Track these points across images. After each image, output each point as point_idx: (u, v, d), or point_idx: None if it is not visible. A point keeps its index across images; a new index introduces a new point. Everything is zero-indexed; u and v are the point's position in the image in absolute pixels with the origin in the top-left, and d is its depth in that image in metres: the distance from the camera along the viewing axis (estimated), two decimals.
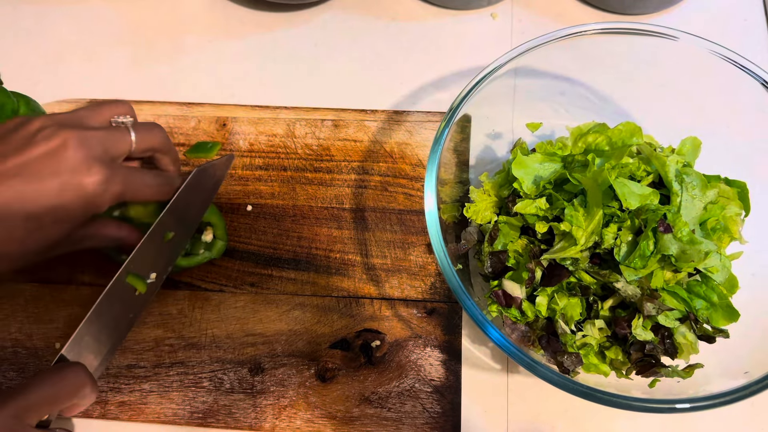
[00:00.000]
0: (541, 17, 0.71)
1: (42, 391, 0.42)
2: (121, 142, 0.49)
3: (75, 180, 0.44)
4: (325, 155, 0.64)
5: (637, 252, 0.46)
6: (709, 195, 0.49)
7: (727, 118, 0.56)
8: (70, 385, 0.44)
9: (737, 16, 0.70)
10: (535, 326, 0.51)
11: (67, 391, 0.44)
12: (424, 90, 0.68)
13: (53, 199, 0.44)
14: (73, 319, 0.58)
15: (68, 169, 0.44)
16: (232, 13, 0.75)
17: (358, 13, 0.73)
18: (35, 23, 0.75)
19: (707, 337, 0.47)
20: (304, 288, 0.58)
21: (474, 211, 0.54)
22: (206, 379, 0.55)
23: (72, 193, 0.44)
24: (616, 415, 0.53)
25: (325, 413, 0.53)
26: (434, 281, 0.58)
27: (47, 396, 0.42)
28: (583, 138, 0.53)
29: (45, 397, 0.42)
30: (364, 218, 0.61)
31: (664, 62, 0.56)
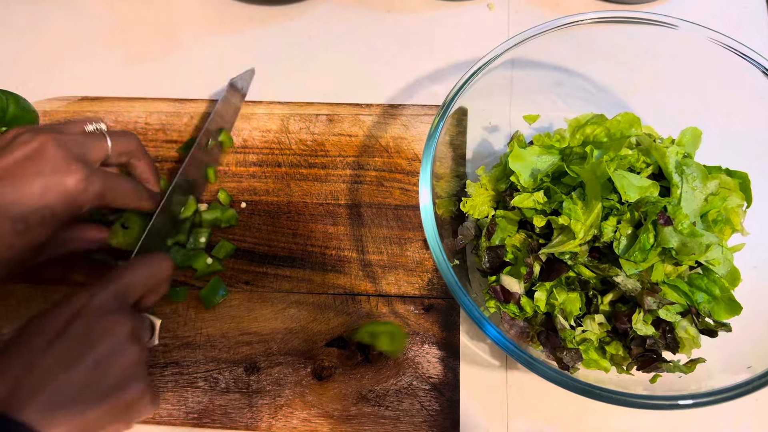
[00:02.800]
0: (538, 7, 0.70)
1: (137, 274, 0.46)
2: (98, 146, 0.50)
3: (57, 179, 0.46)
4: (320, 150, 0.63)
5: (637, 245, 0.45)
6: (710, 186, 0.48)
7: (727, 107, 0.55)
8: (159, 267, 0.48)
9: (737, 3, 0.68)
10: (534, 322, 0.50)
11: (157, 272, 0.48)
12: (419, 83, 0.67)
13: (37, 199, 0.45)
14: None
15: (49, 169, 0.46)
16: (225, 7, 0.74)
17: (352, 5, 0.72)
18: (27, 20, 0.74)
19: (709, 331, 0.46)
20: (299, 286, 0.57)
21: (471, 205, 0.53)
22: (201, 379, 0.54)
23: (55, 193, 0.46)
24: (617, 411, 0.52)
25: (322, 412, 0.53)
26: (432, 277, 0.57)
27: (143, 277, 0.46)
28: (581, 130, 0.52)
29: (140, 278, 0.46)
30: (360, 214, 0.60)
31: (663, 51, 0.55)
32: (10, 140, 0.47)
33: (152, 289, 0.48)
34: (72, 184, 0.46)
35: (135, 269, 0.46)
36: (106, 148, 0.51)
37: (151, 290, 0.48)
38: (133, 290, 0.46)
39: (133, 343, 0.42)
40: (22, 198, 0.44)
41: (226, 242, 0.59)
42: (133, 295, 0.46)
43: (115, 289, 0.44)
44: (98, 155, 0.50)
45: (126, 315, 0.43)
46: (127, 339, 0.42)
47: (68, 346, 0.40)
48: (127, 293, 0.45)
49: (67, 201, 0.46)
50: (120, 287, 0.45)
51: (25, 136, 0.47)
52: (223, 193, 0.61)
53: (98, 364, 0.40)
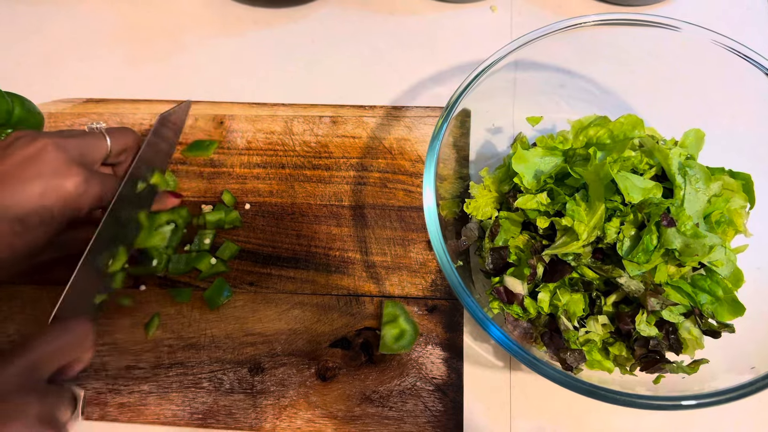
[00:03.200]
0: (541, 9, 0.70)
1: (50, 344, 0.42)
2: (98, 145, 0.51)
3: (56, 182, 0.46)
4: (324, 152, 0.63)
5: (640, 246, 0.45)
6: (713, 188, 0.48)
7: (730, 109, 0.55)
8: (76, 336, 0.44)
9: (739, 5, 0.69)
10: (538, 323, 0.50)
11: (74, 342, 0.44)
12: (423, 85, 0.67)
13: (37, 201, 0.45)
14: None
15: (49, 171, 0.46)
16: (230, 10, 0.74)
17: (355, 8, 0.73)
18: (32, 23, 0.74)
19: (712, 332, 0.46)
20: (303, 287, 0.58)
21: (474, 206, 0.53)
22: (206, 380, 0.55)
23: (54, 195, 0.46)
24: (620, 411, 0.52)
25: (326, 413, 0.53)
26: (435, 278, 0.57)
27: (56, 348, 0.43)
28: (584, 131, 0.52)
29: (54, 350, 0.43)
30: (364, 215, 0.60)
31: (665, 53, 0.55)
32: (10, 143, 0.47)
33: (71, 358, 0.44)
34: (71, 187, 0.46)
35: (47, 340, 0.42)
36: (106, 148, 0.51)
37: (71, 360, 0.44)
38: (45, 364, 0.42)
39: (42, 428, 0.39)
40: (22, 200, 0.44)
41: (230, 243, 0.59)
42: (46, 370, 0.42)
43: (21, 365, 0.40)
44: (98, 155, 0.51)
45: (34, 395, 0.39)
46: (35, 423, 0.38)
47: None
48: (39, 369, 0.41)
49: (67, 203, 0.46)
50: (28, 362, 0.40)
51: (25, 140, 0.47)
52: (228, 194, 0.61)
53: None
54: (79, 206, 0.47)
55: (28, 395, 0.39)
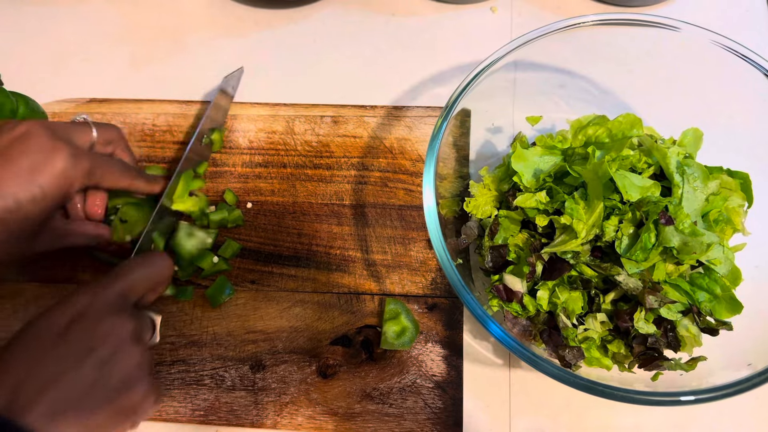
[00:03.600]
0: (541, 10, 0.71)
1: (139, 273, 0.46)
2: (83, 132, 0.52)
3: (44, 158, 0.47)
4: (325, 152, 0.63)
5: (639, 244, 0.45)
6: (711, 186, 0.48)
7: (729, 109, 0.55)
8: (160, 266, 0.48)
9: (738, 6, 0.69)
10: (537, 320, 0.50)
11: (159, 272, 0.48)
12: (423, 85, 0.68)
13: (26, 177, 0.46)
14: None
15: (36, 149, 0.47)
16: (231, 11, 0.74)
17: (357, 8, 0.73)
18: (36, 23, 0.75)
19: (710, 330, 0.47)
20: (304, 285, 0.58)
21: (474, 205, 0.53)
22: (207, 377, 0.55)
23: (44, 172, 0.47)
24: (619, 409, 0.53)
25: (327, 409, 0.53)
26: (435, 276, 0.58)
27: (144, 276, 0.47)
28: (583, 130, 0.52)
29: (142, 278, 0.46)
30: (365, 214, 0.61)
31: (665, 53, 0.56)
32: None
33: (152, 288, 0.48)
34: (60, 162, 0.47)
35: (136, 268, 0.46)
36: (91, 136, 0.53)
37: (152, 289, 0.48)
38: (134, 290, 0.46)
39: (135, 344, 0.42)
40: (10, 176, 0.45)
41: (232, 242, 0.59)
42: (134, 295, 0.46)
43: (116, 289, 0.44)
44: (84, 140, 0.52)
45: (128, 315, 0.43)
46: (129, 340, 0.42)
47: (71, 348, 0.40)
48: (129, 293, 0.45)
49: (57, 179, 0.47)
50: (121, 287, 0.45)
51: (11, 124, 0.48)
52: (230, 193, 0.61)
53: (102, 366, 0.40)
54: (70, 182, 0.48)
55: (120, 316, 0.43)
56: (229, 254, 0.59)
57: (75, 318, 0.41)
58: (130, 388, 0.41)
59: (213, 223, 0.60)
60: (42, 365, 0.39)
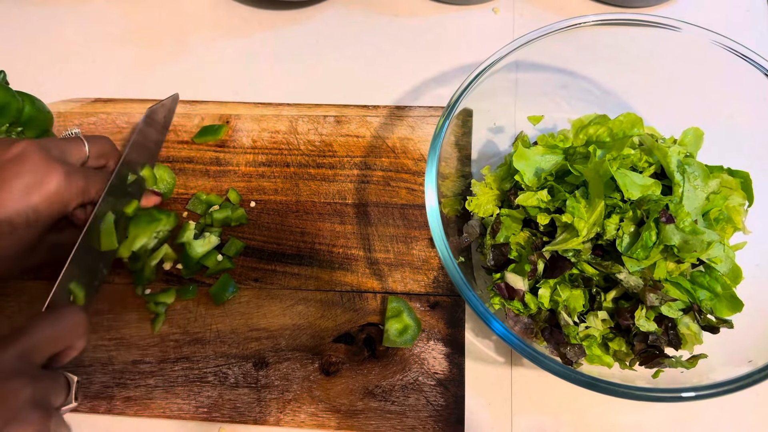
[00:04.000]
0: (542, 11, 0.71)
1: (44, 331, 0.43)
2: (76, 148, 0.52)
3: (38, 180, 0.46)
4: (328, 151, 0.64)
5: (640, 243, 0.46)
6: (712, 185, 0.49)
7: (729, 108, 0.55)
8: (70, 324, 0.45)
9: (739, 6, 0.69)
10: (538, 318, 0.51)
11: (68, 330, 0.45)
12: (426, 85, 0.68)
13: (21, 200, 0.46)
14: None
15: (30, 170, 0.46)
16: (236, 11, 0.75)
17: (360, 9, 0.74)
18: (41, 24, 0.76)
19: (711, 328, 0.47)
20: (307, 283, 0.58)
21: (476, 204, 0.54)
22: (211, 374, 0.56)
23: (38, 193, 0.46)
24: (621, 407, 0.53)
25: (329, 407, 0.54)
26: (437, 275, 0.58)
27: (49, 336, 0.43)
28: (584, 129, 0.53)
29: (47, 337, 0.43)
30: (367, 213, 0.61)
31: (666, 54, 0.56)
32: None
33: (62, 347, 0.45)
34: (54, 183, 0.47)
35: (41, 327, 0.43)
36: (84, 151, 0.53)
37: (65, 347, 0.45)
38: (39, 350, 0.43)
39: (33, 411, 0.39)
40: (6, 200, 0.45)
41: (236, 240, 0.60)
42: (40, 356, 0.43)
43: (15, 350, 0.41)
44: (77, 157, 0.52)
45: (26, 379, 0.40)
46: (27, 406, 0.39)
47: None
48: (32, 354, 0.42)
49: (51, 200, 0.47)
50: (21, 348, 0.41)
51: (5, 143, 0.48)
52: (233, 192, 0.62)
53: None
54: (64, 202, 0.48)
55: (21, 379, 0.40)
56: (233, 252, 0.59)
57: None
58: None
59: (216, 222, 0.60)
60: None
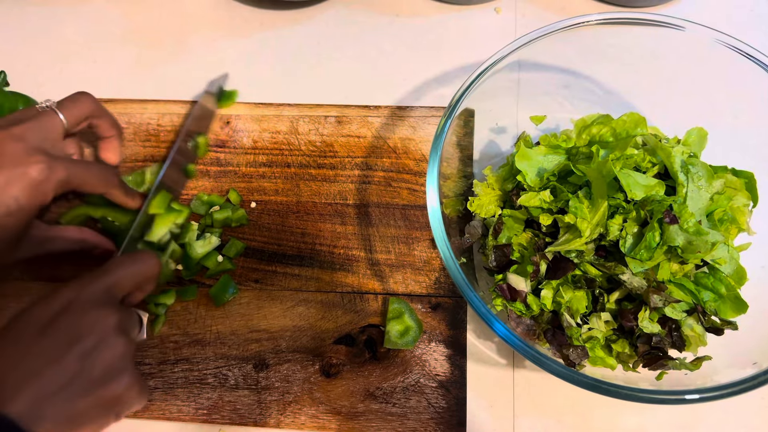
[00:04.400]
0: (544, 11, 0.71)
1: (126, 270, 0.47)
2: (52, 124, 0.52)
3: (18, 171, 0.47)
4: (329, 151, 0.64)
5: (643, 243, 0.45)
6: (716, 185, 0.48)
7: (734, 108, 0.55)
8: (148, 265, 0.49)
9: (743, 6, 0.69)
10: (541, 320, 0.50)
11: (146, 270, 0.48)
12: (427, 85, 0.68)
13: (1, 190, 0.47)
14: None
15: (9, 162, 0.47)
16: (237, 11, 0.75)
17: (361, 10, 0.73)
18: (41, 24, 0.75)
19: (715, 329, 0.47)
20: (308, 284, 0.58)
21: (478, 204, 0.53)
22: (211, 376, 0.55)
23: (18, 184, 0.47)
24: (624, 409, 0.53)
25: (330, 409, 0.53)
26: (439, 276, 0.58)
27: (131, 273, 0.47)
28: (587, 129, 0.52)
29: (129, 275, 0.47)
30: (368, 214, 0.61)
31: (669, 53, 0.56)
32: None
33: (139, 285, 0.49)
34: (34, 173, 0.48)
35: (122, 265, 0.47)
36: (61, 122, 0.52)
37: (139, 287, 0.49)
38: (120, 286, 0.46)
39: (119, 336, 0.43)
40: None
41: (236, 241, 0.59)
42: (120, 291, 0.46)
43: (102, 283, 0.45)
44: (56, 133, 0.52)
45: (113, 308, 0.44)
46: (113, 332, 0.42)
47: (55, 340, 0.40)
48: (115, 288, 0.46)
49: (31, 190, 0.48)
50: (107, 282, 0.45)
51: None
52: (234, 193, 0.62)
53: (85, 357, 0.40)
54: (44, 191, 0.49)
55: (105, 309, 0.43)
56: (233, 253, 0.59)
57: (59, 311, 0.42)
58: (113, 379, 0.41)
59: (217, 222, 0.60)
60: (25, 358, 0.39)
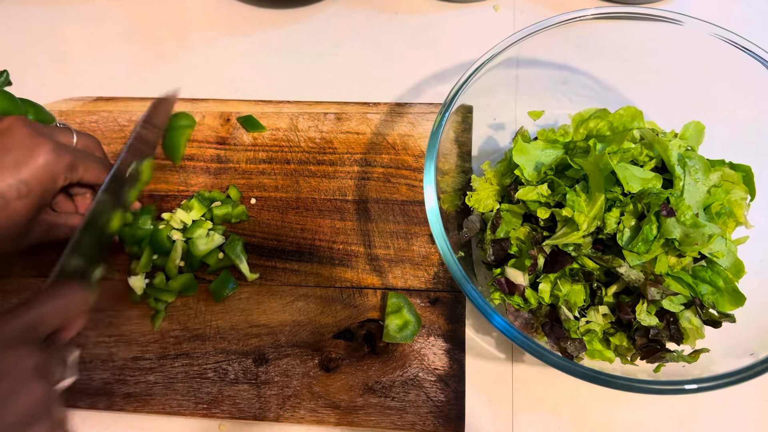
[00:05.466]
0: (543, 8, 0.71)
1: (50, 305, 0.43)
2: (64, 135, 0.54)
3: (27, 154, 0.48)
4: (328, 148, 0.64)
5: (640, 236, 0.45)
6: (713, 178, 0.48)
7: (731, 102, 0.55)
8: (74, 299, 0.45)
9: (741, 2, 0.69)
10: (539, 313, 0.50)
11: (72, 304, 0.45)
12: (426, 82, 0.68)
13: (11, 174, 0.48)
14: None
15: (18, 145, 0.48)
16: (237, 10, 0.75)
17: (360, 8, 0.74)
18: (43, 23, 0.76)
19: (713, 322, 0.47)
20: (307, 279, 0.58)
21: (476, 199, 0.53)
22: (211, 370, 0.55)
23: (27, 167, 0.48)
24: (622, 403, 0.53)
25: (329, 403, 0.53)
26: (437, 271, 0.58)
27: (54, 309, 0.44)
28: (585, 124, 0.52)
29: (53, 311, 0.44)
30: (367, 209, 0.61)
31: (667, 48, 0.56)
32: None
33: (67, 321, 0.45)
34: (43, 157, 0.49)
35: (47, 300, 0.44)
36: (71, 138, 0.54)
37: (66, 323, 0.46)
38: (43, 323, 0.43)
39: (38, 380, 0.40)
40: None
41: (236, 238, 0.60)
42: (44, 329, 0.43)
43: (21, 321, 0.41)
44: (65, 141, 0.53)
45: (32, 349, 0.41)
46: (31, 375, 0.39)
47: None
48: (36, 327, 0.42)
49: (40, 174, 0.49)
50: (27, 320, 0.42)
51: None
52: (234, 189, 0.62)
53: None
54: (53, 176, 0.50)
55: (23, 350, 0.40)
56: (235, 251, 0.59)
57: None
58: (29, 427, 0.39)
59: (217, 218, 0.60)
60: None
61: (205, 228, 0.59)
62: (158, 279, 0.58)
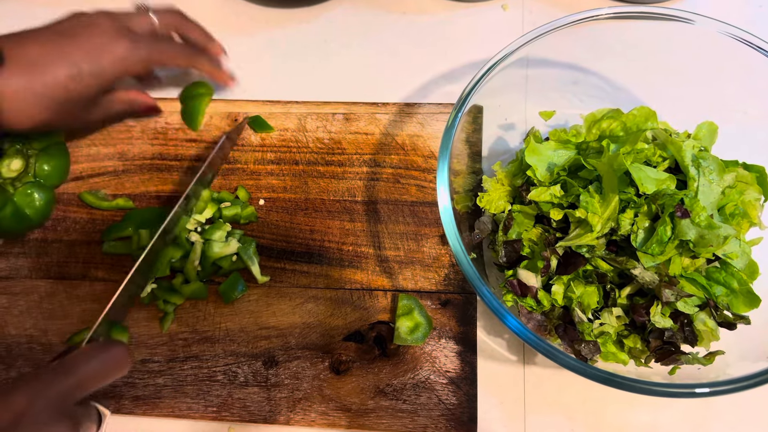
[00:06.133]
0: (552, 8, 0.71)
1: (91, 368, 0.41)
2: (144, 20, 0.60)
3: (106, 44, 0.55)
4: (337, 148, 0.63)
5: (655, 238, 0.45)
6: (727, 179, 0.48)
7: (744, 102, 0.55)
8: (117, 361, 0.43)
9: (752, 2, 0.69)
10: (552, 315, 0.50)
11: (114, 366, 0.43)
12: (435, 82, 0.68)
13: (89, 54, 0.54)
14: (87, 315, 0.59)
15: (100, 33, 0.55)
16: (243, 10, 0.75)
17: (368, 7, 0.73)
18: None
19: (728, 324, 0.46)
20: (317, 281, 0.58)
21: (487, 200, 0.53)
22: (220, 373, 0.55)
23: (105, 54, 0.54)
24: (635, 406, 0.52)
25: (340, 406, 0.53)
26: (448, 272, 0.57)
27: (96, 372, 0.41)
28: (597, 124, 0.52)
29: (94, 374, 0.41)
30: (377, 211, 0.60)
31: (678, 48, 0.56)
32: (69, 15, 0.57)
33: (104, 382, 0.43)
34: (120, 50, 0.55)
35: (88, 362, 0.41)
36: (152, 22, 0.60)
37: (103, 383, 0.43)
38: (81, 388, 0.40)
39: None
40: (75, 50, 0.53)
41: (246, 238, 0.59)
42: (81, 394, 0.40)
43: (60, 387, 0.39)
44: (144, 28, 0.59)
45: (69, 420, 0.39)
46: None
47: None
48: (75, 391, 0.40)
49: (116, 63, 0.55)
50: (67, 385, 0.39)
51: (78, 13, 0.57)
52: (242, 190, 0.62)
53: None
54: (127, 66, 0.56)
55: (61, 421, 0.38)
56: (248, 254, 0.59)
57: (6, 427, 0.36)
58: None
59: (226, 219, 0.60)
60: None
61: (224, 231, 0.59)
62: (177, 280, 0.58)
